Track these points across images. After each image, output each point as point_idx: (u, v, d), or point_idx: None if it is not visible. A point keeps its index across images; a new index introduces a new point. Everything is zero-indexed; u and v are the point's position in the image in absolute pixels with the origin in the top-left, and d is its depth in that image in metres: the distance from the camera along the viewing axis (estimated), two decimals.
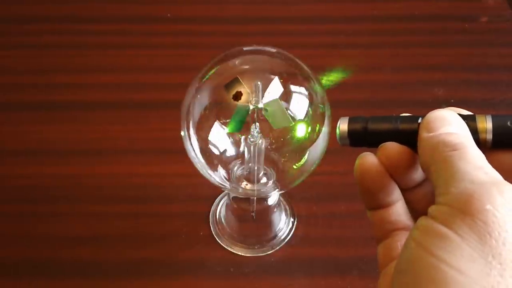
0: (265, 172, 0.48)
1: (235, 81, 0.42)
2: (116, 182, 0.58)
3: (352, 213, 0.55)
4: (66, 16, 0.79)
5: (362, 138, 0.27)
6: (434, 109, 0.26)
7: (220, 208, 0.56)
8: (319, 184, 0.57)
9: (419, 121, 0.26)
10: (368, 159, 0.27)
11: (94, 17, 0.79)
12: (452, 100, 0.66)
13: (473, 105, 0.65)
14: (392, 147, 0.26)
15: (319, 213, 0.56)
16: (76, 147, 0.62)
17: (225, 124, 0.45)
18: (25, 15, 0.79)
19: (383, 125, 0.27)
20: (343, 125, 0.28)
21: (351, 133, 0.27)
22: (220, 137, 0.45)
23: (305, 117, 0.44)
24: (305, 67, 0.45)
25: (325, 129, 0.44)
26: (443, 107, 0.26)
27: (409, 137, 0.26)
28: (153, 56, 0.73)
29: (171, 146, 0.51)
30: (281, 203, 0.55)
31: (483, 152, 0.24)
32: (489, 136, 0.25)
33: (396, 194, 0.27)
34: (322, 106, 0.44)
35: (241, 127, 0.43)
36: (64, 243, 0.53)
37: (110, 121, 0.65)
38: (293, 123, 0.44)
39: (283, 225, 0.54)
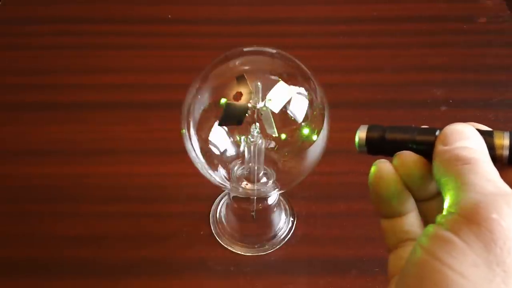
0: (265, 172, 0.49)
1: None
2: (117, 182, 0.58)
3: (351, 213, 0.55)
4: (67, 17, 0.79)
5: (380, 146, 0.28)
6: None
7: (220, 207, 0.56)
8: (319, 184, 0.57)
9: (437, 133, 0.26)
10: (384, 166, 0.27)
11: (95, 18, 0.79)
12: (451, 101, 0.66)
13: (471, 106, 0.66)
14: (408, 156, 0.27)
15: (319, 212, 0.56)
16: (77, 147, 0.62)
17: None
18: (26, 17, 0.79)
19: (400, 135, 0.27)
20: (362, 133, 0.28)
21: (369, 141, 0.28)
22: (220, 137, 0.45)
23: (304, 117, 0.44)
24: (305, 68, 0.45)
25: (324, 130, 0.44)
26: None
27: (426, 149, 0.26)
28: (153, 57, 0.73)
29: (172, 146, 0.51)
30: (280, 202, 0.55)
31: (499, 168, 0.24)
32: (506, 153, 0.25)
33: (410, 204, 0.28)
34: (321, 106, 0.44)
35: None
36: (65, 243, 0.53)
37: (111, 121, 0.65)
38: (295, 121, 0.44)
39: (283, 224, 0.54)
